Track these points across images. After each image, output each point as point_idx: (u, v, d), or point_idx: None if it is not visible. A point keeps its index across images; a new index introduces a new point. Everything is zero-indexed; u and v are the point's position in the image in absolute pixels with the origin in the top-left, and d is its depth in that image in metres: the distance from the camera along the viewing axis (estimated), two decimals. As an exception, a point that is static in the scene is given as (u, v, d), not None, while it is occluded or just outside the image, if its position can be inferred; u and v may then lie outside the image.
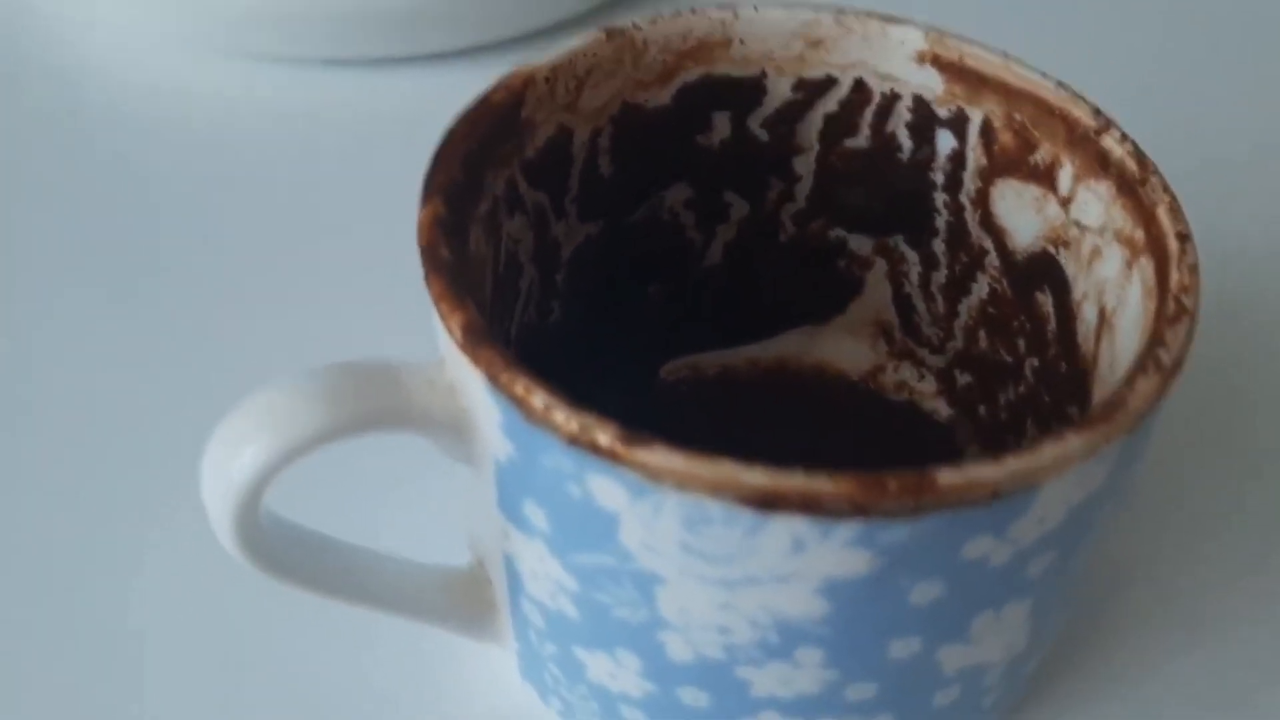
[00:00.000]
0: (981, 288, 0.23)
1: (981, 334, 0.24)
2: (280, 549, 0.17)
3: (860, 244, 0.24)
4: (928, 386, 0.25)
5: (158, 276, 0.29)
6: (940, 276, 0.24)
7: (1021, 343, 0.23)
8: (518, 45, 0.34)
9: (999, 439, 0.24)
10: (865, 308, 0.25)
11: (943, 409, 0.25)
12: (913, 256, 0.24)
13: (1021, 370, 0.23)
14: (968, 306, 0.24)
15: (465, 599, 0.20)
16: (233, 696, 0.22)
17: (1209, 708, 0.22)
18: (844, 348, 0.26)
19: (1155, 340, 0.17)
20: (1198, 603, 0.24)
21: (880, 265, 0.25)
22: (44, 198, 0.31)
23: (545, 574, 0.18)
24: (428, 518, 0.22)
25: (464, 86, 0.21)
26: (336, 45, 0.33)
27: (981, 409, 0.24)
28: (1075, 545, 0.18)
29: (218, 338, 0.27)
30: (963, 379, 0.25)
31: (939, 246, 0.24)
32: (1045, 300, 0.22)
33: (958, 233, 0.23)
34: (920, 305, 0.25)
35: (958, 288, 0.24)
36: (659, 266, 0.25)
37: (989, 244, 0.23)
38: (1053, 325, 0.22)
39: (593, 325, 0.24)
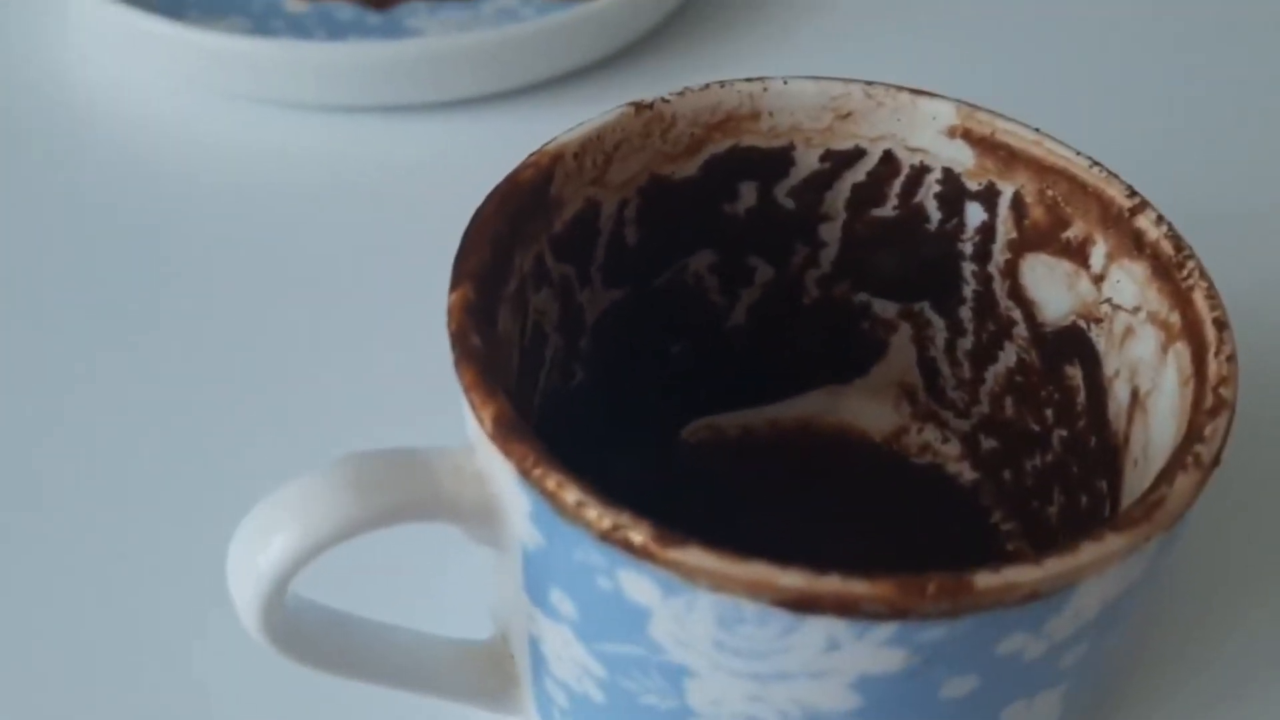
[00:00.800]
0: (1009, 356, 0.23)
1: (1008, 401, 0.24)
2: (304, 631, 0.17)
3: (885, 308, 0.24)
4: (952, 450, 0.25)
5: (172, 345, 0.28)
6: (966, 343, 0.24)
7: (1050, 413, 0.23)
8: (537, 91, 0.34)
9: (1025, 503, 0.24)
10: (889, 369, 0.25)
11: (967, 472, 0.25)
12: (939, 322, 0.24)
13: (1049, 440, 0.23)
14: (994, 374, 0.24)
15: (487, 673, 0.20)
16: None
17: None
18: (867, 409, 0.26)
19: (1193, 434, 0.17)
20: (1234, 676, 0.24)
21: (905, 329, 0.24)
22: (56, 252, 0.31)
23: (571, 658, 0.18)
24: (449, 588, 0.22)
25: (487, 133, 0.21)
26: (357, 93, 0.33)
27: (1006, 473, 0.24)
28: (1109, 635, 0.18)
29: (238, 407, 0.27)
30: (988, 444, 0.24)
31: (966, 314, 0.23)
32: (1075, 373, 0.22)
33: (985, 302, 0.23)
34: (945, 369, 0.24)
35: (984, 355, 0.24)
36: (682, 328, 0.24)
37: (1018, 315, 0.23)
38: (1082, 398, 0.22)
39: (615, 386, 0.24)
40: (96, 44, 0.35)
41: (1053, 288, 0.22)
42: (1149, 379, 0.19)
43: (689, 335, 0.25)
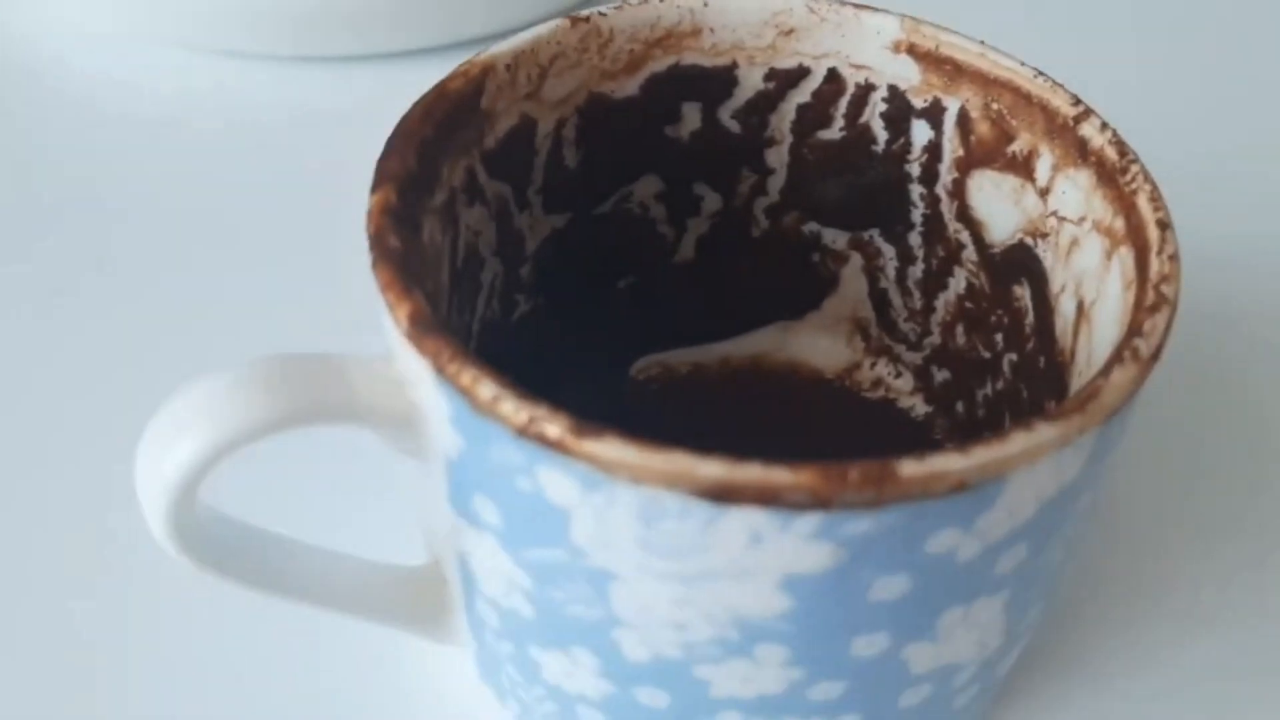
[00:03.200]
0: (959, 282, 0.23)
1: (959, 329, 0.23)
2: (219, 545, 0.17)
3: (835, 238, 0.24)
4: (904, 384, 0.25)
5: (106, 269, 0.28)
6: (917, 271, 0.23)
7: (999, 338, 0.22)
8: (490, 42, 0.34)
9: (977, 435, 0.23)
10: (841, 303, 0.25)
11: (920, 406, 0.24)
12: (889, 251, 0.23)
13: (999, 366, 0.22)
14: (945, 301, 0.23)
15: (421, 599, 0.19)
16: (178, 698, 0.21)
17: (1194, 708, 0.22)
18: (819, 345, 0.25)
19: (1134, 330, 0.17)
20: (1186, 599, 0.23)
21: (856, 260, 0.24)
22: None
23: (498, 571, 0.17)
24: (385, 515, 0.21)
25: (427, 83, 0.21)
26: (301, 42, 0.33)
27: (959, 406, 0.24)
28: (1049, 539, 0.17)
29: (166, 331, 0.27)
30: (940, 375, 0.24)
31: (915, 240, 0.23)
32: (1023, 294, 0.21)
33: (934, 226, 0.22)
34: (897, 300, 0.24)
35: (935, 282, 0.23)
36: (630, 261, 0.24)
37: (966, 237, 0.22)
38: (1030, 319, 0.21)
39: (561, 321, 0.24)
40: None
41: (1000, 205, 0.21)
42: (1094, 289, 0.19)
43: (637, 269, 0.24)
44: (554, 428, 0.15)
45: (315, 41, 0.33)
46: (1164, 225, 0.18)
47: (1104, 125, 0.19)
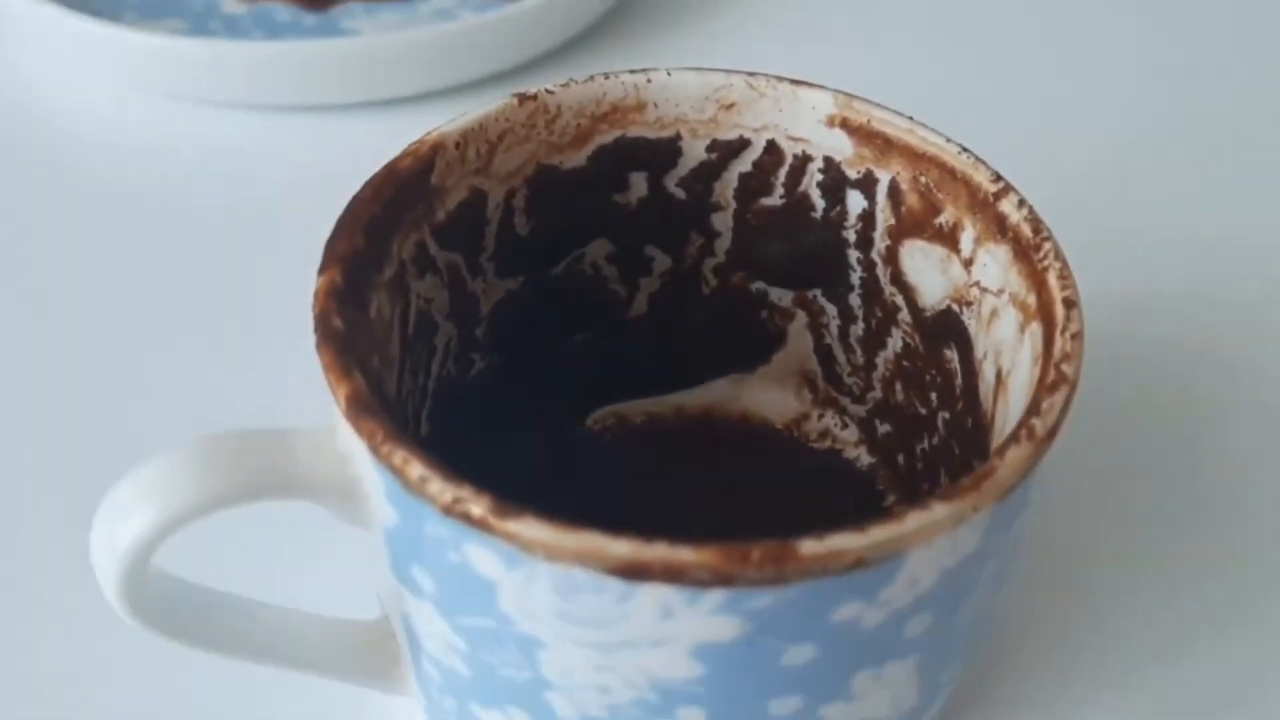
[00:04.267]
0: (896, 341, 0.24)
1: (898, 385, 0.24)
2: (172, 610, 0.18)
3: (781, 296, 0.25)
4: (850, 435, 0.25)
5: (74, 330, 0.29)
6: (858, 329, 0.24)
7: (934, 396, 0.23)
8: (476, 88, 0.35)
9: (917, 486, 0.24)
10: (789, 357, 0.26)
11: (864, 457, 0.25)
12: (831, 310, 0.24)
13: (935, 422, 0.23)
14: (884, 359, 0.24)
15: (373, 653, 0.20)
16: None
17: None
18: (770, 396, 0.26)
19: (1032, 408, 0.17)
20: (1108, 643, 0.24)
21: (801, 317, 0.25)
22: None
23: (437, 633, 0.18)
24: (337, 567, 0.22)
25: (396, 135, 0.22)
26: (291, 92, 0.34)
27: (900, 458, 0.25)
28: (956, 604, 0.18)
29: (127, 396, 0.27)
30: (882, 428, 0.25)
31: (855, 300, 0.24)
32: (952, 356, 0.22)
33: (871, 288, 0.23)
34: (841, 356, 0.25)
35: (874, 340, 0.24)
36: (584, 317, 0.25)
37: (900, 300, 0.23)
38: (959, 381, 0.22)
39: (517, 376, 0.25)
40: (35, 45, 0.35)
41: (929, 272, 0.22)
42: (1009, 359, 0.20)
43: (591, 324, 0.25)
44: (476, 507, 0.16)
45: (301, 91, 0.34)
46: (1070, 303, 0.19)
47: (1021, 202, 0.20)
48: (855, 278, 0.24)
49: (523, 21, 0.34)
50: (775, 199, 0.23)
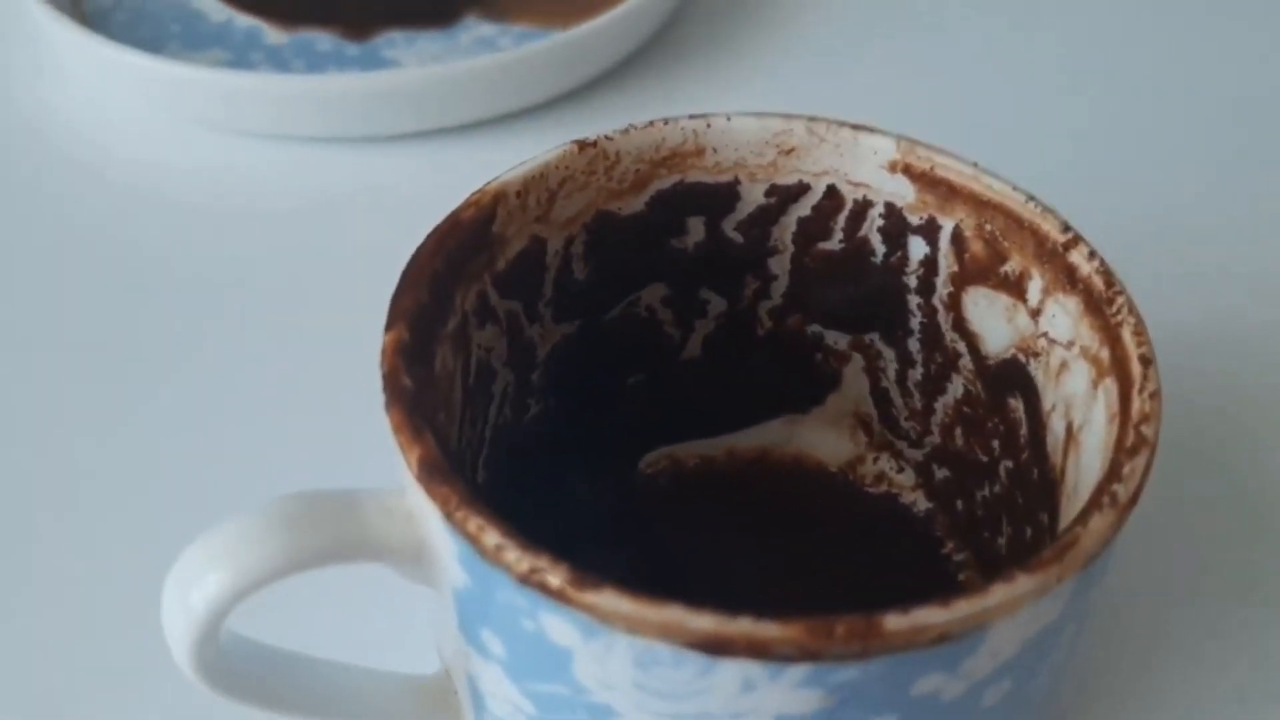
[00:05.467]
0: (956, 388, 0.23)
1: (958, 432, 0.24)
2: (239, 670, 0.18)
3: (837, 339, 0.24)
4: (906, 479, 0.25)
5: (132, 374, 0.29)
6: (916, 374, 0.24)
7: (996, 444, 0.23)
8: (516, 118, 0.35)
9: (976, 534, 0.24)
10: (844, 400, 0.25)
11: (921, 502, 0.25)
12: (889, 354, 0.24)
13: (996, 470, 0.23)
14: (944, 404, 0.24)
15: (433, 707, 0.20)
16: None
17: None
18: (824, 438, 0.26)
19: (1113, 473, 0.17)
20: (1177, 694, 0.24)
21: (857, 360, 0.25)
22: (33, 274, 0.31)
23: (504, 696, 0.18)
24: (397, 622, 0.22)
25: (462, 160, 0.21)
26: (334, 124, 0.34)
27: (959, 504, 0.24)
28: (1034, 671, 0.18)
29: (196, 450, 0.27)
30: (940, 473, 0.25)
31: (914, 345, 0.24)
32: (1017, 406, 0.22)
33: (932, 333, 0.23)
34: (898, 400, 0.25)
35: (934, 386, 0.24)
36: (638, 360, 0.25)
37: (962, 347, 0.23)
38: (1025, 431, 0.22)
39: (572, 419, 0.24)
40: (83, 76, 0.36)
41: (993, 320, 0.22)
42: (1081, 413, 0.20)
43: (645, 367, 0.25)
44: (555, 578, 0.16)
45: (345, 123, 0.34)
46: (1146, 361, 0.18)
47: (1092, 253, 0.20)
48: (915, 323, 0.23)
49: (563, 54, 0.34)
50: (834, 243, 0.23)
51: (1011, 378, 0.22)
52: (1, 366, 0.29)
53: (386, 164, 0.33)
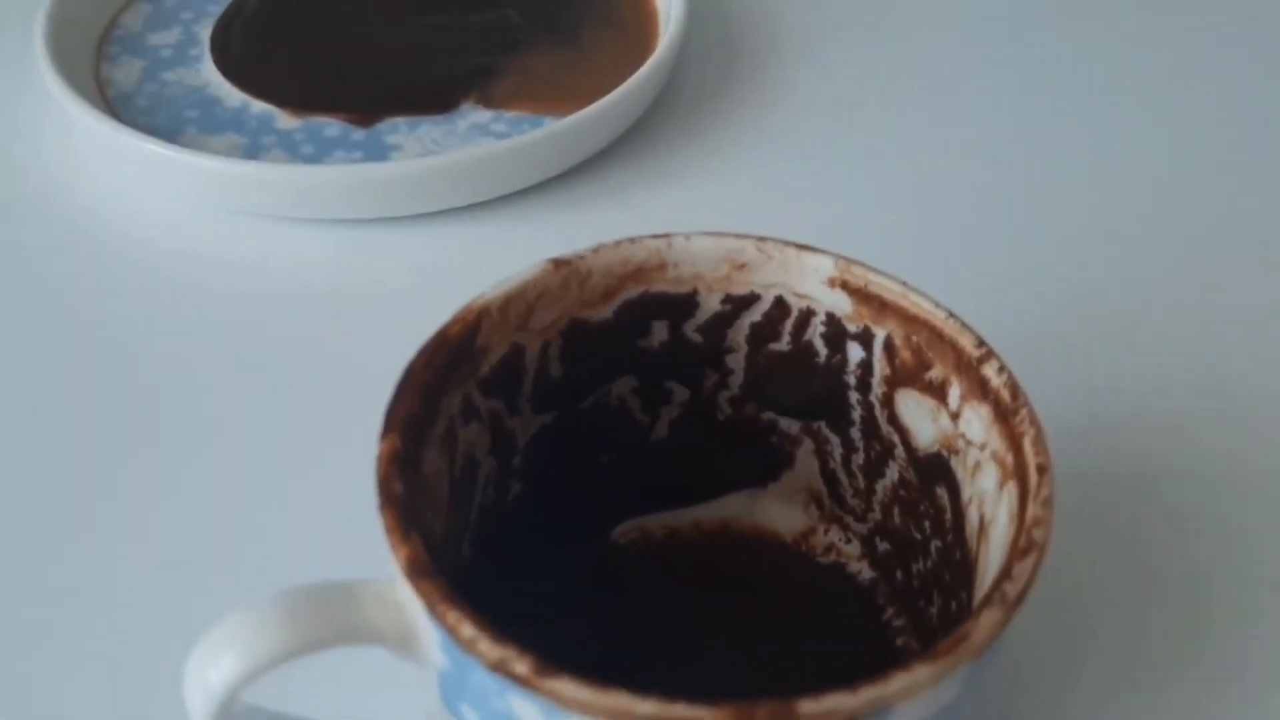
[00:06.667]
0: (893, 473, 0.26)
1: (895, 511, 0.26)
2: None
3: (789, 425, 0.27)
4: (853, 550, 0.28)
5: (150, 461, 0.31)
6: (859, 458, 0.27)
7: (927, 524, 0.26)
8: (509, 200, 0.38)
9: (913, 602, 0.27)
10: (797, 477, 0.28)
11: (866, 571, 0.28)
12: (834, 439, 0.27)
13: (928, 548, 0.26)
14: (883, 486, 0.27)
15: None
16: None
17: None
18: (780, 511, 0.28)
19: (1005, 572, 0.20)
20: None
21: (808, 444, 0.27)
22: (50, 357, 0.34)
23: (482, 762, 0.21)
24: (388, 694, 0.24)
25: (460, 241, 0.23)
26: (341, 207, 0.36)
27: (899, 574, 0.27)
28: (939, 743, 0.20)
29: (205, 539, 0.30)
30: (882, 546, 0.27)
31: (855, 434, 0.26)
32: (943, 494, 0.25)
33: (870, 425, 0.26)
34: (844, 479, 0.27)
35: (874, 470, 0.26)
36: (609, 441, 0.27)
37: (896, 439, 0.25)
38: (949, 516, 0.24)
39: (550, 495, 0.27)
40: (105, 160, 0.38)
41: (921, 419, 0.24)
42: (991, 509, 0.22)
43: (616, 447, 0.28)
44: (520, 667, 0.18)
45: (350, 207, 0.36)
46: (1042, 470, 0.21)
47: (1001, 368, 0.23)
48: (856, 415, 0.26)
49: (553, 141, 0.37)
50: (783, 344, 0.26)
51: (937, 469, 0.24)
52: (17, 450, 0.31)
53: (390, 242, 0.36)
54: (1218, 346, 0.34)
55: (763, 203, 0.38)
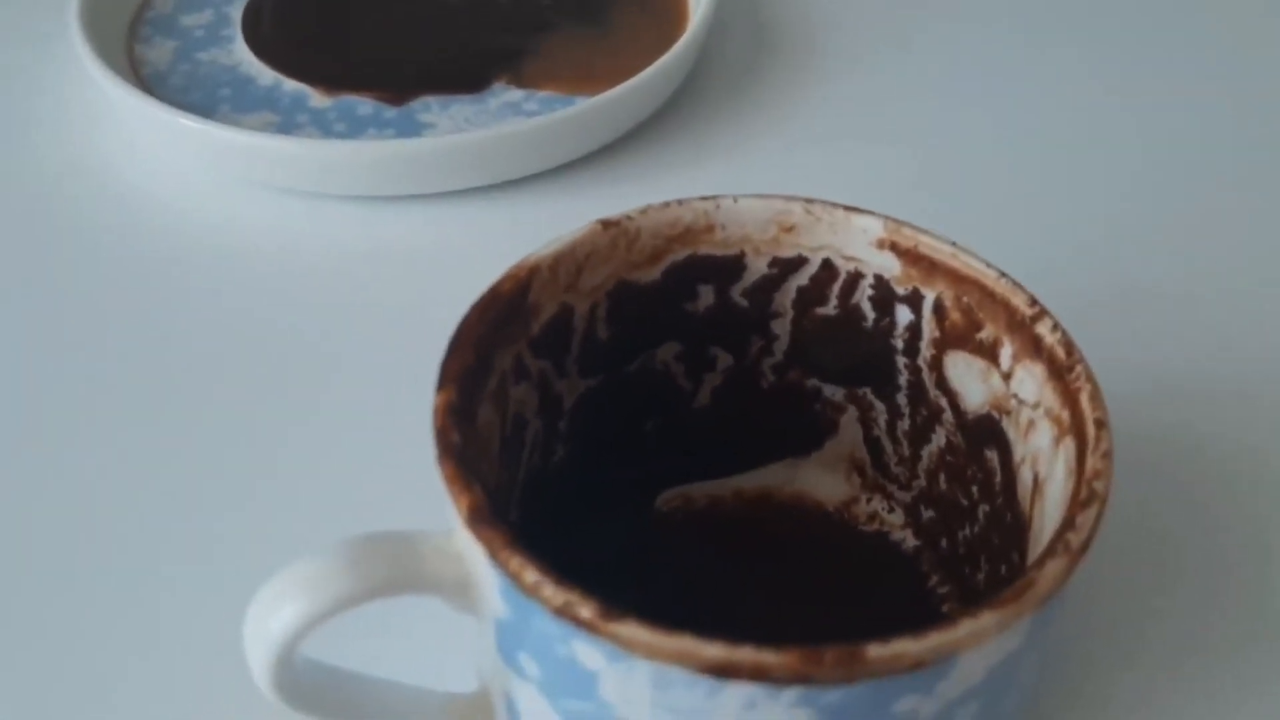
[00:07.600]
0: (940, 438, 0.26)
1: (941, 477, 0.26)
2: (310, 688, 0.20)
3: (834, 392, 0.27)
4: (896, 519, 0.28)
5: (204, 425, 0.31)
6: (904, 425, 0.27)
7: (975, 490, 0.25)
8: (540, 178, 0.38)
9: (959, 569, 0.27)
10: (840, 445, 0.28)
11: (909, 540, 0.28)
12: (880, 406, 0.27)
13: (976, 513, 0.26)
14: (929, 452, 0.26)
15: (473, 722, 0.23)
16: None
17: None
18: (822, 480, 0.28)
19: (1067, 523, 0.20)
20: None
21: (852, 411, 0.27)
22: (94, 327, 0.34)
23: (538, 713, 0.21)
24: (441, 649, 0.24)
25: (492, 218, 0.23)
26: (373, 184, 0.36)
27: (943, 542, 0.27)
28: (1001, 694, 0.20)
29: (263, 494, 0.30)
30: (927, 514, 0.27)
31: (902, 400, 0.26)
32: (993, 457, 0.25)
33: (917, 390, 0.26)
34: (888, 447, 0.27)
35: (919, 436, 0.26)
36: (654, 408, 0.27)
37: (944, 403, 0.25)
38: (999, 479, 0.24)
39: (594, 462, 0.27)
40: (141, 137, 0.39)
41: (971, 381, 0.24)
42: (1046, 467, 0.22)
43: (660, 415, 0.28)
44: (585, 611, 0.18)
45: (383, 184, 0.36)
46: (1100, 424, 0.21)
47: (1055, 326, 0.23)
48: (903, 380, 0.26)
49: (584, 120, 0.37)
50: (830, 309, 0.26)
51: (987, 432, 0.24)
52: (65, 417, 0.32)
53: (424, 219, 0.36)
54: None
55: (794, 183, 0.37)
